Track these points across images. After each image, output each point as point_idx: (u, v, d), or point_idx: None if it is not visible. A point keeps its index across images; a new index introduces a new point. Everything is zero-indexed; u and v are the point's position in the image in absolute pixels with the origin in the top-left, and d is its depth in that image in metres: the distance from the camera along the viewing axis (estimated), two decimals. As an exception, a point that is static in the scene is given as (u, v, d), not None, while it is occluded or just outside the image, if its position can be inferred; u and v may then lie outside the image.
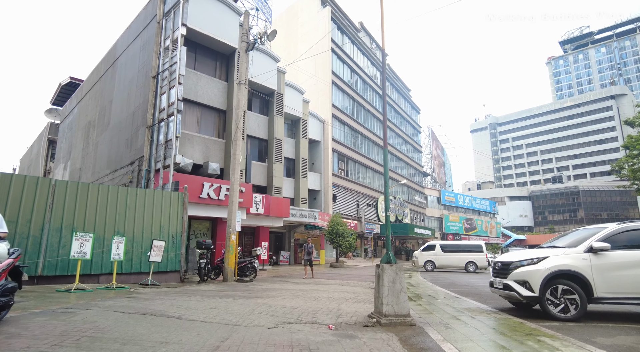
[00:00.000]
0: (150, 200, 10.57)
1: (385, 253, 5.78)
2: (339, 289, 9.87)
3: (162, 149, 14.10)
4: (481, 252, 21.79)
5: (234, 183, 12.15)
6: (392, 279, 5.50)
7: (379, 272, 5.65)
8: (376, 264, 5.83)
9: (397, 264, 5.58)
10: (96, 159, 19.76)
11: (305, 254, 14.51)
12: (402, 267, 5.61)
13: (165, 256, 10.47)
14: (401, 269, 5.59)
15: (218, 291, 8.76)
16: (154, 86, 15.28)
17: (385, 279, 5.48)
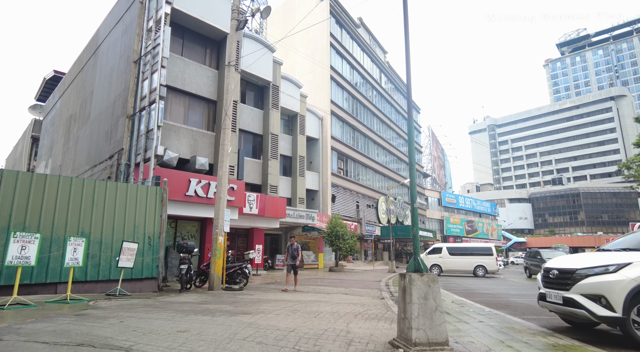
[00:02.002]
0: (122, 195, 9.07)
1: (413, 259, 4.32)
2: (343, 300, 8.39)
3: (143, 140, 12.60)
4: (491, 255, 20.39)
5: (222, 177, 10.67)
6: (423, 294, 4.04)
7: (404, 284, 4.18)
8: (400, 273, 4.37)
9: (429, 274, 4.12)
10: (76, 155, 18.21)
11: (288, 257, 10.74)
12: (436, 278, 4.15)
13: (139, 261, 8.96)
14: (435, 280, 4.13)
15: (198, 303, 7.25)
16: (136, 72, 13.79)
17: (414, 294, 4.02)
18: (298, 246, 10.72)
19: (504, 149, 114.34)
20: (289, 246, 10.83)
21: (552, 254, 18.75)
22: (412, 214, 4.43)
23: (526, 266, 21.35)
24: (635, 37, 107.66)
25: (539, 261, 18.79)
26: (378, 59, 41.95)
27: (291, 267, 10.60)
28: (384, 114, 41.40)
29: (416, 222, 4.44)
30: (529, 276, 20.18)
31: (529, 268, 20.59)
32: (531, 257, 20.96)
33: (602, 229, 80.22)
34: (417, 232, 4.38)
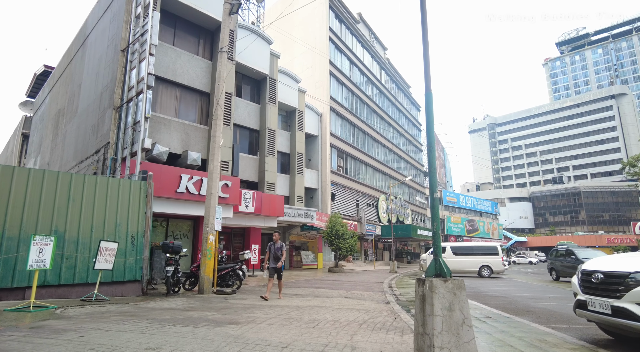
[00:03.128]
0: (102, 190, 8.26)
1: (433, 261, 3.53)
2: (345, 305, 7.61)
3: (130, 133, 11.79)
4: (497, 255, 19.64)
5: (213, 172, 9.87)
6: (447, 304, 3.26)
7: (423, 292, 3.40)
8: (417, 278, 3.58)
9: (455, 279, 3.34)
10: (64, 151, 17.38)
11: (270, 258, 8.56)
12: (463, 284, 3.37)
13: (121, 262, 8.17)
14: (462, 287, 3.35)
15: (182, 310, 6.46)
16: (123, 61, 12.98)
17: (436, 304, 3.23)
18: (282, 244, 8.64)
19: (504, 148, 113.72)
20: (271, 245, 8.60)
21: (589, 254, 16.07)
22: (431, 207, 3.66)
23: (552, 266, 18.35)
24: (634, 36, 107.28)
25: (574, 261, 16.00)
26: (378, 56, 41.16)
27: (274, 271, 8.49)
28: (384, 112, 40.64)
29: (437, 215, 3.65)
30: (557, 278, 17.59)
31: (557, 269, 17.79)
32: (559, 257, 18.03)
33: (603, 228, 79.65)
34: (438, 228, 3.60)
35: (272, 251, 8.56)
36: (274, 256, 8.51)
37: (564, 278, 16.99)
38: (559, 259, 18.00)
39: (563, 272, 17.08)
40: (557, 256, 18.42)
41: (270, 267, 8.54)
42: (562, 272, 17.16)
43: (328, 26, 30.55)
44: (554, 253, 18.98)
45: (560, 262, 17.58)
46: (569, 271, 16.14)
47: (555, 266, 18.10)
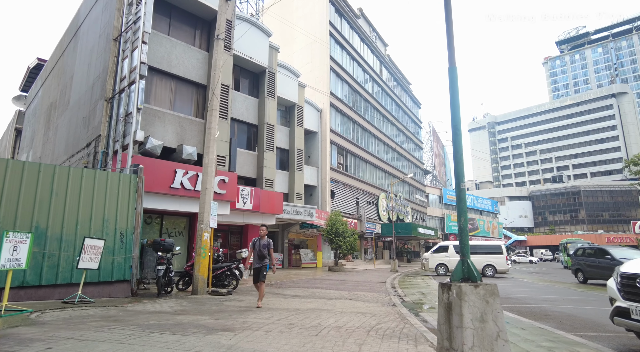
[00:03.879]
0: (89, 184, 7.71)
1: (461, 263, 3.00)
2: (348, 307, 7.09)
3: (122, 125, 11.22)
4: (501, 254, 19.13)
5: (208, 165, 9.32)
6: (479, 314, 2.73)
7: (449, 299, 2.87)
8: (441, 283, 3.05)
9: (487, 284, 2.81)
10: (55, 145, 16.80)
11: (254, 257, 7.22)
12: (497, 290, 2.84)
13: (109, 261, 7.62)
14: (495, 293, 2.82)
15: (172, 313, 5.93)
16: (115, 50, 12.39)
17: (466, 314, 2.71)
18: (269, 241, 7.25)
19: (504, 147, 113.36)
20: (256, 240, 7.25)
21: (626, 253, 14.27)
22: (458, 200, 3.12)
23: (579, 267, 16.05)
24: (634, 35, 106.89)
25: (609, 262, 13.95)
26: (379, 52, 40.57)
27: (257, 271, 7.11)
28: (384, 108, 40.08)
29: (464, 209, 3.12)
30: (584, 281, 15.56)
31: (584, 270, 15.58)
32: (587, 256, 15.78)
33: (603, 227, 79.44)
34: (466, 224, 3.07)
35: (257, 247, 7.19)
36: (258, 254, 7.18)
37: (594, 281, 15.48)
38: (586, 259, 15.68)
39: (593, 273, 15.07)
40: (584, 255, 16.09)
41: (254, 267, 7.20)
42: (592, 273, 15.13)
43: (328, 20, 29.95)
44: (580, 252, 16.64)
45: (589, 263, 15.36)
46: (601, 272, 14.33)
47: (582, 267, 15.80)
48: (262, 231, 7.36)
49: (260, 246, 7.18)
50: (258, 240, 7.29)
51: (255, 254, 7.20)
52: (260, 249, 7.16)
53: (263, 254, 7.16)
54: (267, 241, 7.24)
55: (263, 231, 7.37)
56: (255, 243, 7.26)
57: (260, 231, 7.40)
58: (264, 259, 7.17)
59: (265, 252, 7.17)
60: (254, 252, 7.21)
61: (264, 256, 7.18)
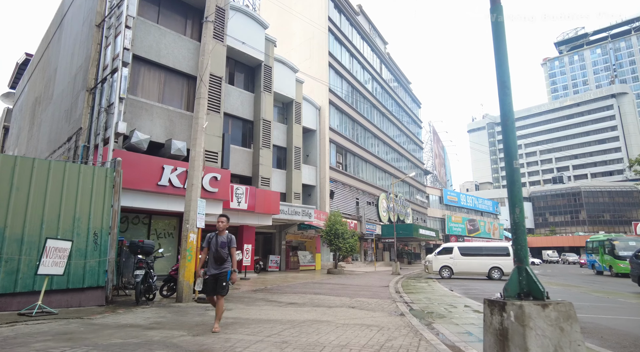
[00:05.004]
0: (57, 178, 6.82)
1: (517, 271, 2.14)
2: (351, 317, 6.21)
3: (104, 117, 10.35)
4: (507, 255, 18.29)
5: (195, 159, 8.46)
6: (552, 347, 1.86)
7: (503, 324, 2.01)
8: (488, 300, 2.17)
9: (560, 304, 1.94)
10: (38, 141, 15.90)
11: (209, 260, 5.31)
12: (573, 311, 1.97)
13: (80, 265, 6.73)
14: (572, 316, 1.95)
15: (143, 328, 5.04)
16: (98, 37, 11.51)
17: (532, 347, 1.84)
18: (230, 237, 5.29)
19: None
20: (212, 237, 5.28)
21: None
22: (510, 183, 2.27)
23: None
24: (633, 36, 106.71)
25: None
26: (378, 49, 39.81)
27: (213, 281, 5.09)
28: (384, 107, 39.28)
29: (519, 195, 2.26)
30: None
31: None
32: None
33: (604, 229, 78.68)
34: (522, 215, 2.23)
35: (213, 246, 5.16)
36: (214, 255, 5.13)
37: None
38: None
39: None
40: None
41: (210, 274, 5.13)
42: None
43: (327, 15, 29.15)
44: None
45: None
46: None
47: None
48: (221, 224, 5.28)
49: (218, 244, 5.13)
50: (215, 236, 5.22)
51: (211, 255, 5.20)
52: (218, 248, 5.12)
53: (221, 255, 5.12)
54: (227, 237, 5.22)
55: (222, 223, 5.29)
56: (211, 240, 5.22)
57: (219, 224, 5.28)
58: (223, 262, 5.13)
59: (225, 252, 5.16)
60: (209, 253, 5.23)
61: (223, 259, 5.13)
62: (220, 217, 5.40)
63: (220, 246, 5.15)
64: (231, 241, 5.26)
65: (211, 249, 5.20)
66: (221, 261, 5.16)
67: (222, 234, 5.24)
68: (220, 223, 5.32)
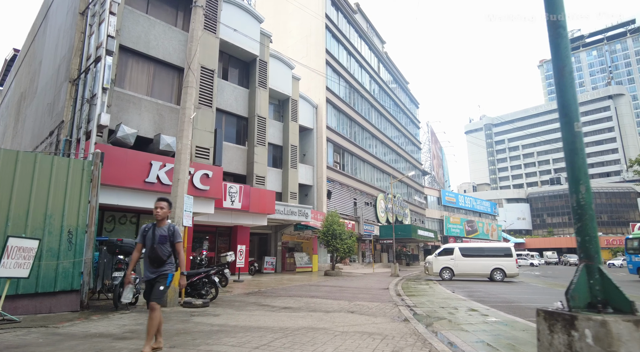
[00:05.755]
0: (26, 171, 6.19)
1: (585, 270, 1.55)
2: (351, 324, 5.61)
3: (87, 108, 9.72)
4: (510, 256, 17.79)
5: (181, 152, 7.85)
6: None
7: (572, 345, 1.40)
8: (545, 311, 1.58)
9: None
10: (22, 137, 15.22)
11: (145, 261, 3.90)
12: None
13: (52, 266, 6.10)
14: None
15: (114, 338, 4.42)
16: (82, 25, 10.89)
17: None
18: (173, 228, 3.95)
19: (501, 149, 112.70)
20: (148, 229, 3.94)
21: None
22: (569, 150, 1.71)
23: None
24: (629, 38, 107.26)
25: None
26: (376, 49, 39.34)
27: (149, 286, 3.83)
28: (382, 107, 38.78)
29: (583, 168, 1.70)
30: None
31: None
32: None
33: (602, 230, 78.53)
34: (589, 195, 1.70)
35: (149, 242, 3.82)
36: (150, 255, 3.79)
37: None
38: None
39: None
40: None
41: (145, 281, 3.87)
42: None
43: (324, 12, 28.64)
44: None
45: None
46: None
47: None
48: (160, 210, 3.86)
49: (155, 238, 3.79)
50: (151, 227, 3.88)
51: (146, 253, 3.83)
52: (155, 244, 3.77)
53: (159, 254, 3.74)
54: (169, 229, 3.87)
55: (161, 210, 3.87)
56: (146, 234, 3.88)
57: (156, 210, 3.86)
58: (162, 264, 3.76)
59: (166, 250, 3.80)
60: (146, 249, 3.84)
61: (162, 259, 3.75)
62: (159, 202, 3.91)
63: (158, 241, 3.77)
64: (174, 233, 3.88)
65: (146, 245, 3.84)
66: (159, 262, 3.75)
67: (161, 225, 3.89)
68: (158, 210, 3.86)
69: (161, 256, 3.78)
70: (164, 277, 3.80)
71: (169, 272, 3.83)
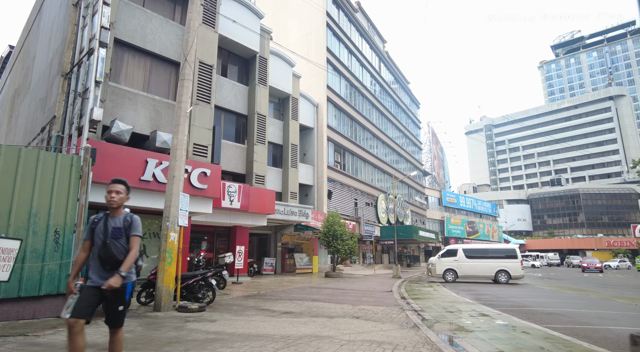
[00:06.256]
0: (10, 166, 5.79)
1: None
2: (357, 331, 5.21)
3: (79, 103, 9.32)
4: (515, 258, 17.39)
5: (177, 147, 7.45)
6: None
7: None
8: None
9: None
10: (15, 134, 14.82)
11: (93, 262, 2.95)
12: None
13: (36, 268, 5.69)
14: None
15: (97, 349, 4.01)
16: (75, 17, 10.49)
17: None
18: (132, 218, 3.06)
19: (501, 150, 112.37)
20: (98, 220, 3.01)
21: None
22: None
23: None
24: (629, 39, 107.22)
25: None
26: (377, 48, 38.98)
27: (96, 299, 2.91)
28: (383, 106, 38.41)
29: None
30: None
31: None
32: None
33: (603, 231, 78.33)
34: None
35: (100, 236, 2.92)
36: (101, 254, 2.89)
37: None
38: None
39: None
40: None
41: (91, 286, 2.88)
42: None
43: (325, 10, 28.27)
44: None
45: None
46: None
47: None
48: (115, 196, 2.97)
49: (109, 231, 2.94)
50: (103, 218, 2.99)
51: (95, 252, 2.94)
52: (108, 240, 2.91)
53: (113, 253, 2.88)
54: (124, 219, 3.02)
55: (116, 195, 2.98)
56: (96, 226, 2.97)
57: (110, 196, 2.97)
58: (118, 265, 2.84)
59: (122, 246, 2.93)
60: (94, 248, 2.95)
61: (116, 258, 2.87)
62: (114, 185, 2.99)
63: (112, 235, 2.89)
64: (132, 225, 3.00)
65: (96, 241, 2.92)
66: (113, 264, 2.84)
67: (116, 215, 2.99)
68: (113, 194, 2.95)
69: (116, 255, 2.84)
70: (121, 292, 2.84)
71: (127, 281, 2.87)
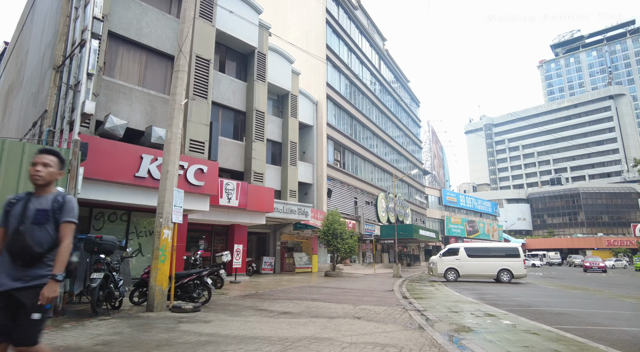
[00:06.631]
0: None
1: None
2: (359, 332, 4.93)
3: (71, 96, 9.02)
4: (517, 257, 17.14)
5: (171, 141, 7.16)
6: None
7: None
8: None
9: None
10: (8, 130, 14.51)
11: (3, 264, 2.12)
12: None
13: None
14: None
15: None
16: (68, 9, 10.20)
17: None
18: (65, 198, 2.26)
19: (501, 149, 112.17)
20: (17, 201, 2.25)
21: None
22: None
23: None
24: (628, 38, 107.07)
25: None
26: (377, 46, 38.69)
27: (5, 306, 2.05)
28: (383, 104, 38.12)
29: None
30: None
31: None
32: None
33: (603, 230, 78.15)
34: None
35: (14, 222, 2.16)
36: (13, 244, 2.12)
37: None
38: None
39: None
40: None
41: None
42: None
43: (325, 7, 27.96)
44: None
45: None
46: None
47: None
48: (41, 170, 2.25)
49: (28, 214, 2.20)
50: (24, 199, 2.27)
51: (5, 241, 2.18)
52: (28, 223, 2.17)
53: (26, 243, 2.13)
54: (54, 200, 2.25)
55: (43, 168, 2.25)
56: (11, 209, 2.24)
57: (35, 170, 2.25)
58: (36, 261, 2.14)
59: (45, 235, 2.18)
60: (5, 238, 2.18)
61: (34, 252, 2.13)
62: (41, 155, 2.28)
63: (33, 220, 2.18)
64: (63, 207, 2.25)
65: (9, 228, 2.19)
66: (28, 259, 2.13)
67: (42, 194, 2.29)
68: (38, 167, 2.25)
69: (31, 247, 2.09)
70: (35, 293, 2.07)
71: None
